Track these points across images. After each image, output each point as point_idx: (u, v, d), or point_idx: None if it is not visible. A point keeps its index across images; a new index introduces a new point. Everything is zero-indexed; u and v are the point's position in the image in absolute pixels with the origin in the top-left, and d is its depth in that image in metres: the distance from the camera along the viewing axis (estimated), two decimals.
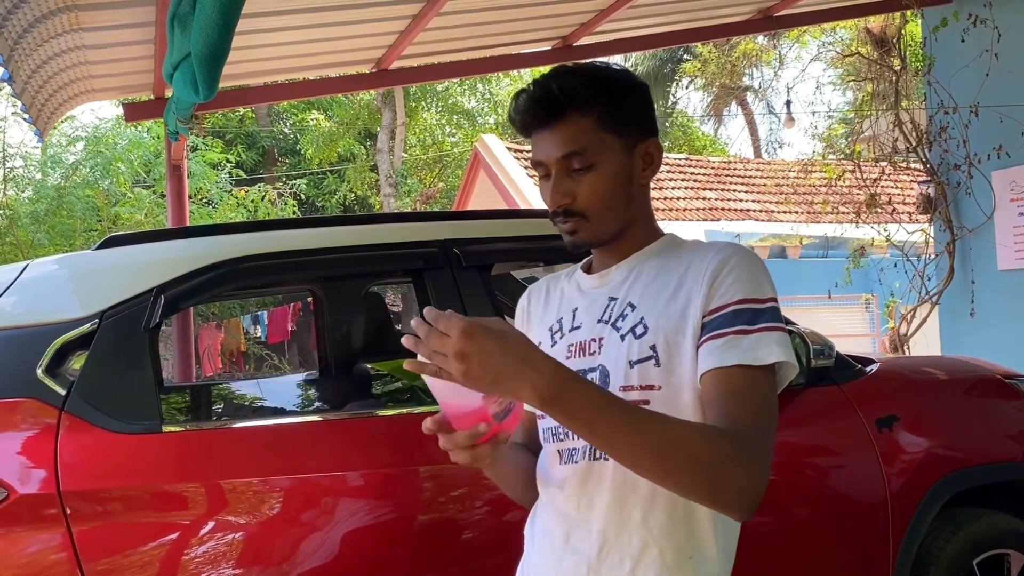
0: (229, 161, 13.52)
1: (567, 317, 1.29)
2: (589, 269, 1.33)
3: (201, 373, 11.88)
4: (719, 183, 14.40)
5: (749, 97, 23.58)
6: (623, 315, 1.21)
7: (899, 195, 9.70)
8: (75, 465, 1.77)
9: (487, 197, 12.83)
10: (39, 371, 1.83)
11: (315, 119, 19.03)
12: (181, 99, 3.83)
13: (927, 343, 6.08)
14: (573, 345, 1.24)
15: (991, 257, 5.27)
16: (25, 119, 4.79)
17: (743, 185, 14.52)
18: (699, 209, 13.22)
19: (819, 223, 11.34)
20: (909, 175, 7.18)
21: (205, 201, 12.50)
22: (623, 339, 1.18)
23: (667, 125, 22.02)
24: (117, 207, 11.46)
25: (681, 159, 15.44)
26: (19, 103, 4.41)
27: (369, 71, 5.52)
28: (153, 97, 5.29)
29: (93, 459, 1.80)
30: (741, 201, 13.90)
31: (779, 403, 1.14)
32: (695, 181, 14.29)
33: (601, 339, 1.21)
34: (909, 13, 5.90)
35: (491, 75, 18.51)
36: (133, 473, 1.83)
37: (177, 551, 1.79)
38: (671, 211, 12.84)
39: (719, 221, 12.72)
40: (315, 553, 1.86)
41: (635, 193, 1.24)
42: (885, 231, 6.26)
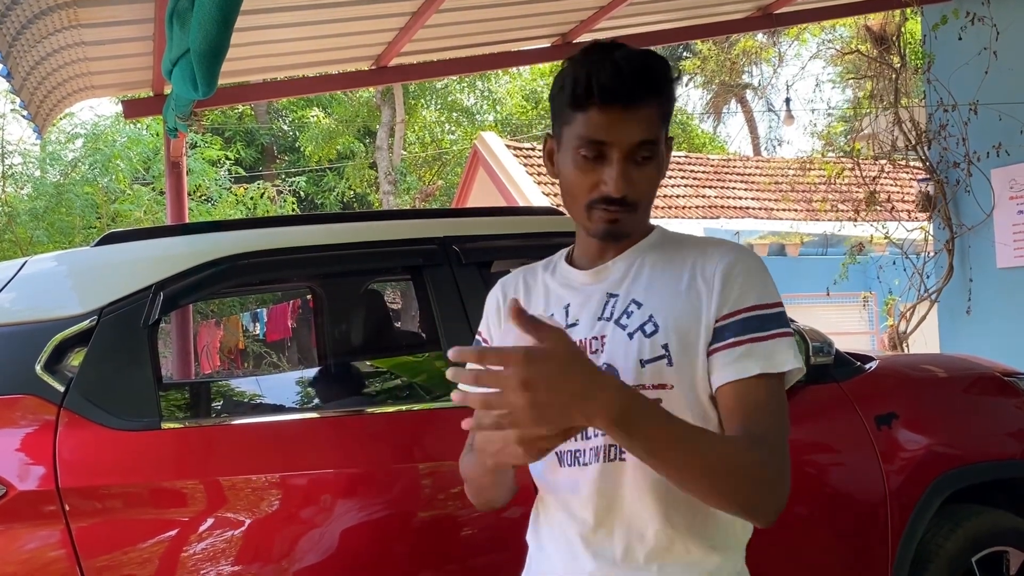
0: (228, 158, 13.50)
1: (559, 314, 1.23)
2: (571, 262, 1.29)
3: (200, 370, 11.87)
4: (718, 181, 14.40)
5: (748, 95, 23.58)
6: (627, 312, 1.17)
7: (898, 193, 9.72)
8: (74, 462, 1.77)
9: (486, 195, 12.82)
10: (38, 367, 1.83)
11: (315, 116, 19.01)
12: (180, 96, 3.82)
13: (926, 341, 6.08)
14: None
15: (990, 255, 5.27)
16: (24, 116, 4.79)
17: (742, 183, 14.51)
18: (698, 207, 13.21)
19: (818, 221, 11.34)
20: (908, 173, 7.18)
21: (204, 198, 12.49)
22: (631, 337, 1.15)
23: None
24: (116, 204, 11.45)
25: (680, 157, 15.42)
26: (18, 100, 4.40)
27: (368, 68, 5.51)
28: (152, 94, 5.28)
29: (92, 456, 1.80)
30: (740, 199, 13.90)
31: None
32: (694, 179, 14.29)
33: (603, 337, 1.17)
34: (909, 11, 5.89)
35: (490, 72, 18.51)
36: (132, 470, 1.82)
37: (176, 548, 1.78)
38: (671, 209, 12.83)
39: (718, 219, 12.72)
40: (314, 550, 1.86)
41: None
42: (884, 229, 6.26)
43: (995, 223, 5.22)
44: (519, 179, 12.01)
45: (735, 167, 15.31)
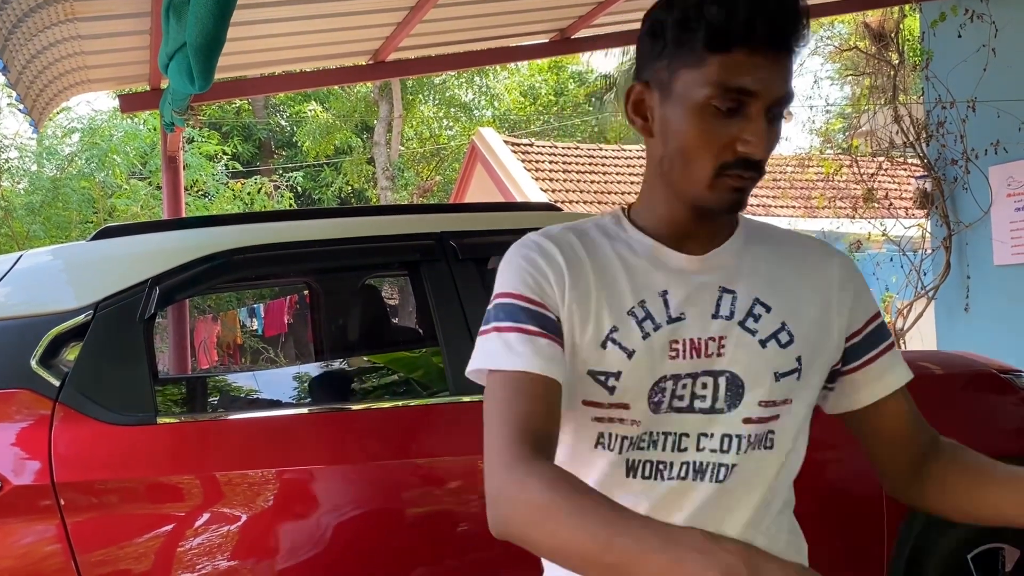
0: (225, 153, 13.48)
1: (653, 301, 1.00)
2: (643, 231, 1.04)
3: (197, 365, 11.86)
4: None
5: None
6: (753, 314, 1.01)
7: (896, 190, 9.70)
8: (69, 456, 1.77)
9: (484, 190, 12.80)
10: (33, 362, 1.83)
11: (312, 111, 18.98)
12: (177, 90, 3.81)
13: (923, 338, 6.09)
14: (679, 342, 0.99)
15: (987, 252, 5.27)
16: (20, 110, 4.77)
17: None
18: None
19: (816, 218, 11.34)
20: (906, 170, 7.18)
21: (201, 193, 12.47)
22: (764, 345, 1.00)
23: None
24: (113, 199, 11.44)
25: None
26: (14, 93, 4.39)
27: (366, 63, 5.50)
28: (149, 88, 5.26)
29: (87, 450, 1.80)
30: None
31: None
32: None
33: (722, 339, 0.99)
34: (907, 8, 5.89)
35: (488, 68, 18.48)
36: (127, 465, 1.82)
37: (171, 543, 1.78)
38: None
39: None
40: (309, 545, 1.86)
41: None
42: (882, 226, 6.27)
43: (992, 220, 5.23)
44: (517, 175, 12.00)
45: None
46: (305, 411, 2.16)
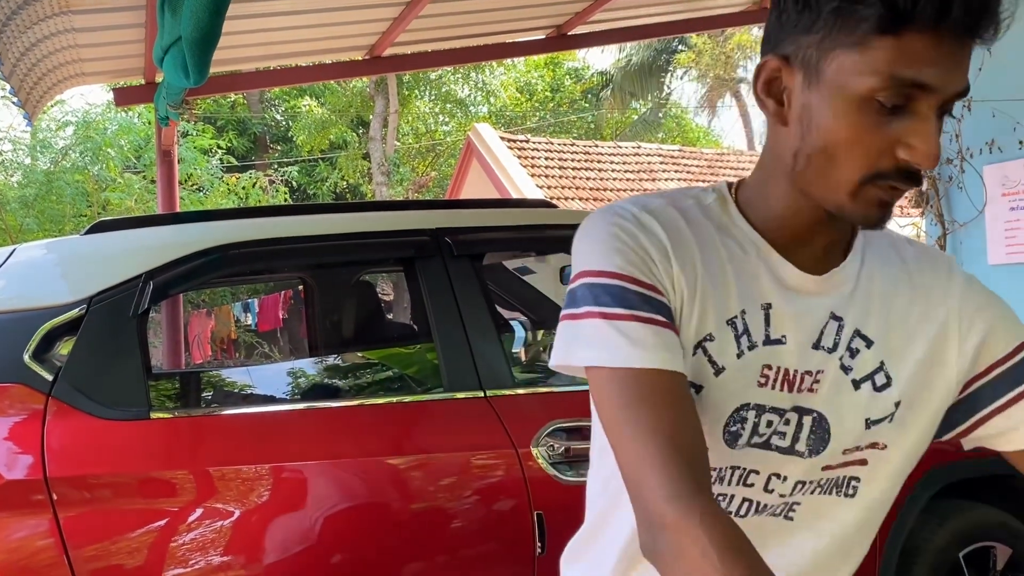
0: (220, 147, 13.46)
1: (754, 314, 0.85)
2: (752, 227, 0.87)
3: (191, 360, 11.84)
4: (712, 175, 14.41)
5: (743, 89, 23.58)
6: (851, 349, 0.86)
7: None
8: (62, 451, 1.76)
9: (480, 186, 12.80)
10: (26, 356, 1.82)
11: (308, 106, 18.94)
12: (172, 84, 3.80)
13: None
14: (771, 369, 0.85)
15: (982, 251, 5.29)
16: (14, 103, 4.75)
17: (736, 177, 14.42)
18: None
19: None
20: None
21: (196, 187, 12.45)
22: (857, 387, 0.86)
23: (660, 116, 22.01)
24: (107, 192, 11.42)
25: (675, 150, 15.43)
26: (8, 86, 4.37)
27: (362, 58, 5.49)
28: (144, 82, 5.25)
29: (80, 445, 1.79)
30: None
31: None
32: (688, 173, 14.30)
33: (819, 373, 0.86)
34: None
35: (484, 64, 18.45)
36: (120, 460, 1.82)
37: (164, 538, 1.78)
38: None
39: None
40: (302, 541, 1.86)
41: None
42: None
43: (987, 220, 5.24)
44: (513, 171, 11.99)
45: (729, 161, 15.34)
46: (299, 407, 2.16)
